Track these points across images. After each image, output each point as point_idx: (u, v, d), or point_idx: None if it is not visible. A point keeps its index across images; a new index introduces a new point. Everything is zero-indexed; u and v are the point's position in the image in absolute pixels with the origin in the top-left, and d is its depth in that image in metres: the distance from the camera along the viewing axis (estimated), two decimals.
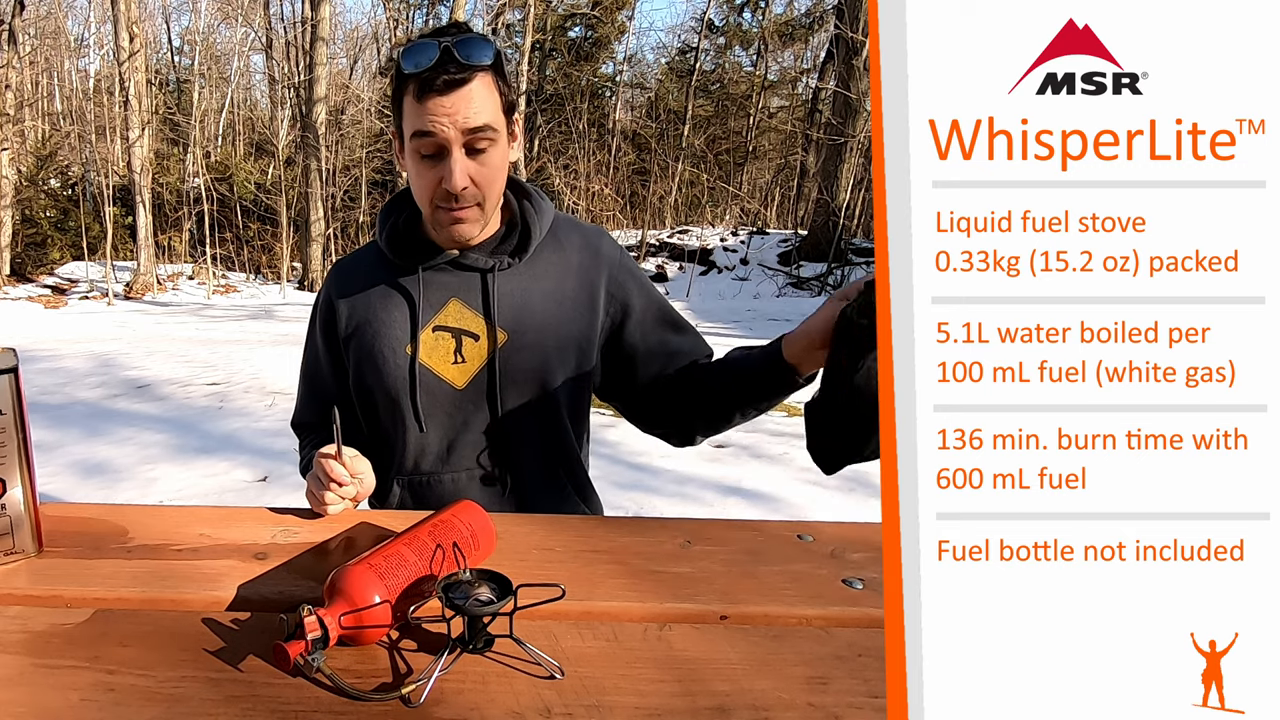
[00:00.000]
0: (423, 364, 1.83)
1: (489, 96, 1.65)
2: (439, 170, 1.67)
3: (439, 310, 1.85)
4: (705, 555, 1.42)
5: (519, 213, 1.90)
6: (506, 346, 1.82)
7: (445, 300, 1.85)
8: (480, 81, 1.63)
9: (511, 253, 1.86)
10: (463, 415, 1.85)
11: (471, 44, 1.61)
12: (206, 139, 30.73)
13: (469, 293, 1.85)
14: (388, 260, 1.92)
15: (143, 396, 8.03)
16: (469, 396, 1.84)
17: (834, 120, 21.09)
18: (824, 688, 1.03)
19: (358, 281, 1.95)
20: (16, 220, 21.44)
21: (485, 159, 1.68)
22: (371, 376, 1.88)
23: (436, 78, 1.59)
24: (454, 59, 1.59)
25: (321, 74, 22.36)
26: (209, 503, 4.83)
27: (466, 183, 1.66)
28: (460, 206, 1.70)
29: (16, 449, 1.26)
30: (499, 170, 1.73)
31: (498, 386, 1.81)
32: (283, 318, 16.72)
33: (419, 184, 1.74)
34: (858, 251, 21.52)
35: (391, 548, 1.16)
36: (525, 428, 1.86)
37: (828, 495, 5.47)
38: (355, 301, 1.93)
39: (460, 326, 1.84)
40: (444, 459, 1.89)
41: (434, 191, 1.70)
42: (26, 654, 1.04)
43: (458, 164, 1.64)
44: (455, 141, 1.63)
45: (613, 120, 31.01)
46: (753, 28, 30.71)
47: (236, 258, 26.31)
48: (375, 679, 1.02)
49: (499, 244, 1.89)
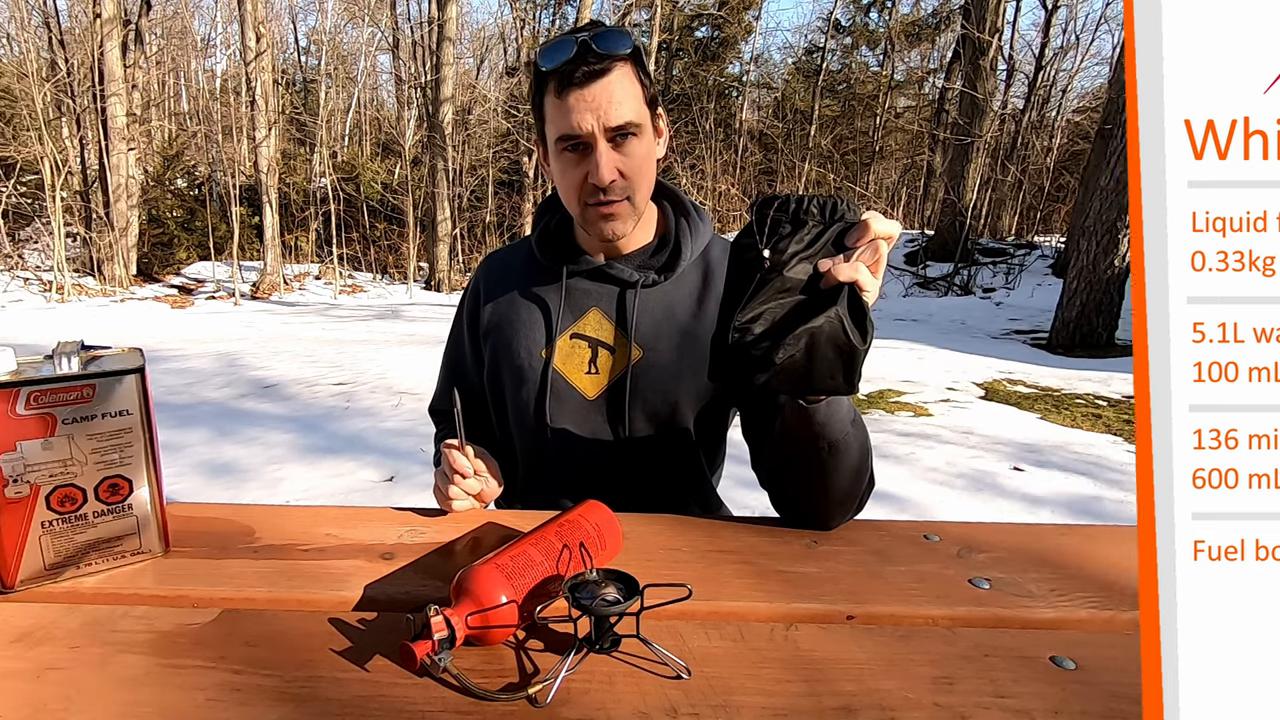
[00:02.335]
0: (556, 370, 1.84)
1: (630, 87, 1.64)
2: (585, 165, 1.66)
3: (579, 318, 1.86)
4: (832, 555, 1.42)
5: (674, 229, 1.89)
6: (641, 363, 1.80)
7: (587, 309, 1.86)
8: (620, 72, 1.62)
9: (659, 269, 1.85)
10: (590, 426, 1.85)
11: (609, 36, 1.61)
12: (333, 139, 31.42)
13: (611, 304, 1.85)
14: (537, 260, 1.93)
15: (269, 396, 8.23)
16: (598, 408, 1.84)
17: (960, 120, 21.00)
18: (950, 688, 1.02)
19: (506, 277, 1.98)
20: (143, 220, 22.12)
21: (630, 150, 1.67)
22: (506, 374, 1.90)
23: (575, 70, 1.59)
24: (592, 50, 1.58)
25: (448, 74, 22.71)
26: (335, 503, 4.90)
27: (614, 175, 1.66)
28: (610, 201, 1.69)
29: (143, 449, 1.29)
30: (645, 163, 1.72)
31: (626, 402, 1.80)
32: (409, 317, 17.00)
33: (565, 183, 1.73)
34: (984, 251, 21.44)
35: (518, 548, 1.16)
36: (651, 446, 1.85)
37: (954, 495, 5.46)
38: (500, 296, 1.95)
39: (597, 337, 1.84)
40: (567, 465, 1.89)
41: (581, 188, 1.70)
42: (153, 654, 1.06)
43: (604, 156, 1.64)
44: (599, 133, 1.62)
45: (739, 120, 31.17)
46: (879, 28, 30.88)
47: (363, 258, 26.82)
48: (501, 679, 1.02)
49: (648, 258, 1.89)
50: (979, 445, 6.71)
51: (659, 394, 1.80)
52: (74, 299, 18.50)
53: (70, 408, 1.19)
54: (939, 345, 12.65)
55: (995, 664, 1.08)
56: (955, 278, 20.07)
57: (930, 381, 9.47)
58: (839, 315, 1.16)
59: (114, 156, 20.20)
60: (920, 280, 20.40)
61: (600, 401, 1.83)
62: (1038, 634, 1.17)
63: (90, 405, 1.21)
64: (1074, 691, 1.02)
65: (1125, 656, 1.11)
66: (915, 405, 8.20)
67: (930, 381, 9.47)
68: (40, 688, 0.98)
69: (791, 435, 1.46)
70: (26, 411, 1.15)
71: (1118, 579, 1.35)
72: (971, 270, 20.29)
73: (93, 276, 20.29)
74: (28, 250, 22.12)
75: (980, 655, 1.10)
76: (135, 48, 21.90)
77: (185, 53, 35.95)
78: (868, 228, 1.17)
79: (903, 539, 1.50)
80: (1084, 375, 10.03)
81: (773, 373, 1.17)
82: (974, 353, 12.01)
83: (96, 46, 19.91)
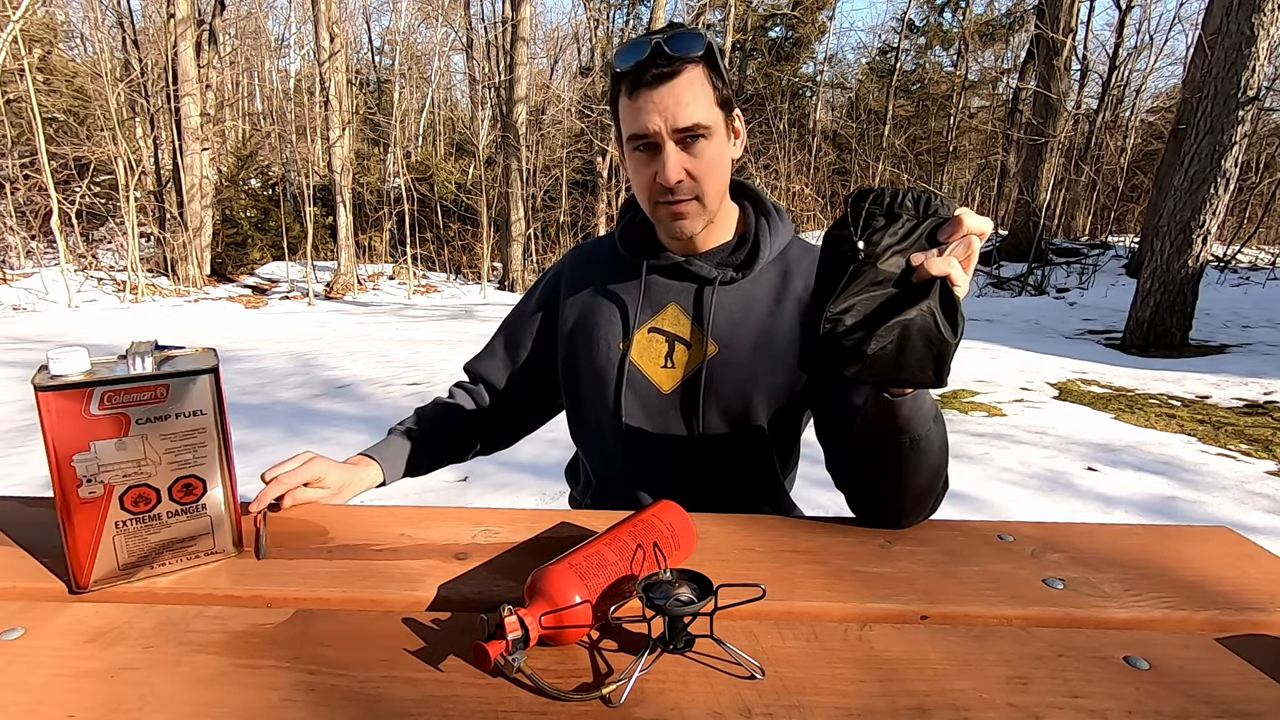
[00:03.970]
0: (633, 362, 1.86)
1: (701, 89, 1.66)
2: (654, 165, 1.70)
3: (657, 312, 1.89)
4: (905, 555, 1.43)
5: (753, 228, 1.91)
6: (716, 359, 1.82)
7: (665, 303, 1.89)
8: (690, 74, 1.64)
9: (737, 267, 1.88)
10: (664, 420, 1.87)
11: (681, 37, 1.63)
12: (407, 139, 31.71)
13: (689, 299, 1.88)
14: (619, 255, 1.97)
15: (343, 397, 8.31)
16: (672, 402, 1.86)
17: (1034, 120, 20.93)
18: (1024, 688, 1.04)
19: (591, 269, 2.02)
20: (217, 220, 22.47)
21: (699, 151, 1.69)
22: (583, 364, 1.94)
23: (646, 72, 1.63)
24: (663, 53, 1.62)
25: (522, 74, 22.83)
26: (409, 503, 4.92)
27: (680, 175, 1.68)
28: (678, 200, 1.72)
29: (217, 449, 1.30)
30: (715, 164, 1.73)
31: (700, 397, 1.82)
32: (483, 318, 17.09)
33: (637, 181, 1.77)
34: (1058, 251, 21.39)
35: (592, 547, 1.16)
36: (724, 443, 1.86)
37: (1028, 495, 5.44)
38: (582, 287, 2.00)
39: (674, 332, 1.87)
40: (640, 461, 1.91)
41: (651, 187, 1.73)
42: (227, 654, 1.07)
43: (670, 157, 1.67)
44: (666, 134, 1.65)
45: (813, 120, 31.21)
46: (953, 28, 30.88)
47: (437, 258, 27.03)
48: (575, 679, 1.03)
49: (727, 255, 1.91)
50: (1053, 445, 6.65)
51: (733, 390, 1.82)
52: (148, 299, 18.83)
53: (144, 408, 1.20)
54: (1013, 345, 12.54)
55: (1069, 664, 1.09)
56: (1029, 278, 19.93)
57: (1004, 381, 9.39)
58: (931, 309, 1.17)
59: (188, 156, 20.54)
60: (994, 280, 20.28)
61: (675, 396, 1.85)
62: (1112, 634, 1.17)
63: (164, 405, 1.22)
64: (1148, 692, 1.02)
65: (1199, 657, 1.11)
66: (989, 405, 8.13)
67: (1004, 381, 9.39)
68: (114, 688, 1.00)
69: (875, 429, 1.46)
70: (100, 411, 1.17)
71: (1192, 579, 1.36)
72: (1045, 270, 20.14)
73: (167, 276, 20.65)
74: (102, 250, 22.54)
75: (1054, 655, 1.11)
76: (209, 48, 22.25)
77: (259, 53, 36.44)
78: (960, 223, 1.17)
79: (977, 539, 1.51)
80: (1157, 375, 9.90)
81: (864, 364, 1.18)
82: (1048, 353, 11.91)
83: (170, 46, 20.23)
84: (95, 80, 21.06)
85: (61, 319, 15.25)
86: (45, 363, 1.17)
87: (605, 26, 31.20)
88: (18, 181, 20.61)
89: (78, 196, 20.26)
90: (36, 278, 18.54)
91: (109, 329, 13.76)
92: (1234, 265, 19.87)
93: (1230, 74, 11.07)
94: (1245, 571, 1.39)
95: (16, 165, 20.59)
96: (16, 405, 7.53)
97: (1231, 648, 1.14)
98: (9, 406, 7.50)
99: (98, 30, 22.50)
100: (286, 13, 38.52)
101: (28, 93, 17.94)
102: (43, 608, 1.19)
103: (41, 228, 20.72)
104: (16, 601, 1.21)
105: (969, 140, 31.36)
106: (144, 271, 20.00)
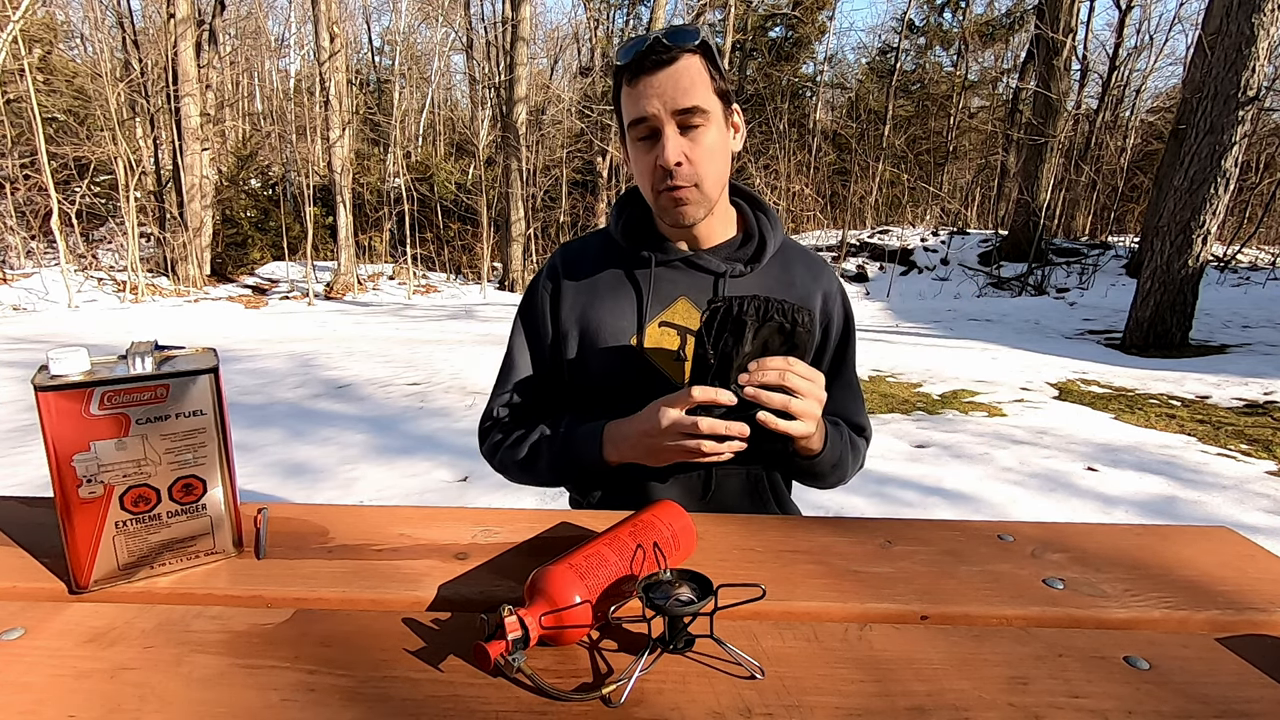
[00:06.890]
0: (648, 355, 1.88)
1: (698, 76, 1.70)
2: (655, 150, 1.72)
3: (667, 306, 1.90)
4: (906, 555, 1.44)
5: (755, 224, 1.96)
6: None
7: (674, 297, 1.91)
8: (688, 60, 1.69)
9: (747, 260, 1.92)
10: None
11: (679, 30, 1.69)
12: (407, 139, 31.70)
13: (699, 293, 1.90)
14: (620, 249, 1.99)
15: (343, 397, 8.31)
16: None
17: (1034, 120, 21.00)
18: (1024, 688, 1.04)
19: (587, 265, 2.02)
20: (217, 220, 22.47)
21: (698, 138, 1.72)
22: (595, 359, 1.93)
23: (645, 59, 1.68)
24: (661, 42, 1.67)
25: (522, 74, 22.82)
26: (409, 503, 4.93)
27: (680, 158, 1.71)
28: (679, 186, 1.74)
29: (217, 449, 1.30)
30: (714, 151, 1.76)
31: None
32: (483, 318, 17.09)
33: (640, 170, 1.80)
34: (1058, 251, 21.47)
35: (592, 548, 1.17)
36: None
37: (1028, 495, 5.46)
38: (582, 284, 1.99)
39: (686, 325, 1.89)
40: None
41: (653, 174, 1.76)
42: (227, 654, 1.08)
43: (670, 140, 1.70)
44: (666, 116, 1.69)
45: (813, 120, 31.24)
46: (953, 28, 31.01)
47: (437, 258, 27.03)
48: (575, 679, 1.03)
49: (735, 250, 1.95)
50: (1053, 445, 6.65)
51: None
52: (148, 299, 18.84)
53: (144, 408, 1.20)
54: (1013, 345, 12.56)
55: (1069, 664, 1.10)
56: (1029, 278, 19.94)
57: (1004, 381, 9.39)
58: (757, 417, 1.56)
59: (188, 156, 20.55)
60: (994, 280, 20.30)
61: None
62: (1112, 634, 1.17)
63: (164, 405, 1.22)
64: (1148, 692, 1.03)
65: (1199, 657, 1.12)
66: (989, 405, 8.13)
67: (1004, 381, 9.39)
68: (114, 688, 1.00)
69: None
70: (100, 411, 1.17)
71: (1192, 579, 1.36)
72: (1045, 270, 20.16)
73: (166, 276, 20.66)
74: (102, 250, 22.56)
75: (1054, 655, 1.12)
76: (209, 48, 22.26)
77: (259, 53, 36.44)
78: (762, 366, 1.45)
79: (977, 539, 1.52)
80: (1158, 375, 9.90)
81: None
82: (1048, 353, 11.92)
83: (170, 46, 20.25)
84: (95, 80, 21.08)
85: (61, 319, 15.27)
86: (45, 363, 1.17)
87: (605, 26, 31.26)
88: (18, 181, 20.63)
89: (78, 196, 20.28)
90: (36, 278, 18.58)
91: (109, 329, 13.77)
92: (1234, 265, 19.92)
93: (1230, 74, 11.08)
94: (1245, 571, 1.39)
95: (16, 165, 20.61)
96: (16, 405, 7.53)
97: (1231, 648, 1.14)
98: (9, 406, 7.49)
99: (98, 30, 22.52)
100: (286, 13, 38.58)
101: (28, 93, 17.98)
102: (43, 608, 1.19)
103: (41, 228, 20.74)
104: (16, 601, 1.21)
105: (969, 140, 31.41)
106: (144, 271, 20.01)
